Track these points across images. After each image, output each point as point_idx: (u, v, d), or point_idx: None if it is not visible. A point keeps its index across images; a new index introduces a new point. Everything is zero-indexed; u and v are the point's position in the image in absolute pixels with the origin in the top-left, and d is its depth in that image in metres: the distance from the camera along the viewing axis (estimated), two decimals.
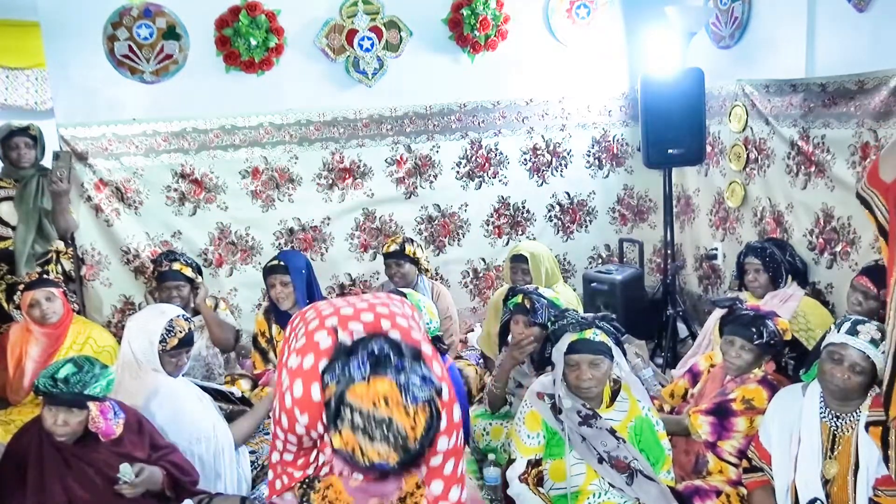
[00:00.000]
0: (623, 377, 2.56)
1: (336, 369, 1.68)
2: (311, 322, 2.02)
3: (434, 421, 1.66)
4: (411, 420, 1.62)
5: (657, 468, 2.47)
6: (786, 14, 3.85)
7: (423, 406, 1.64)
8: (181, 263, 3.78)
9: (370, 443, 1.61)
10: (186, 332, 2.84)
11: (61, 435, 2.36)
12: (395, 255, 4.00)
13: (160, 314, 2.87)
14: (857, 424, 2.30)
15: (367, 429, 1.61)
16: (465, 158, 4.82)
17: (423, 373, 1.68)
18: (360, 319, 1.99)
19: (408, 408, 1.62)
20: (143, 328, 2.81)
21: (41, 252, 3.91)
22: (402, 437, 1.61)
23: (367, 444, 1.61)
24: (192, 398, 2.86)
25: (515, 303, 3.13)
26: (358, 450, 1.62)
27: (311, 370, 1.86)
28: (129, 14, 4.19)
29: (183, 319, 2.88)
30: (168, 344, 2.78)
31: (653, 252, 5.13)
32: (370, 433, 1.60)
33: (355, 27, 4.48)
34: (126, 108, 4.29)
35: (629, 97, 4.99)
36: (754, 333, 2.71)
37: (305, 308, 2.25)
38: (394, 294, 2.50)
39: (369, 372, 1.64)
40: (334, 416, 1.64)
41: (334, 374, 1.68)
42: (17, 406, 3.38)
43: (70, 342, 3.47)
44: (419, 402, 1.64)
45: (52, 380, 2.33)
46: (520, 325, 3.09)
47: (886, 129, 3.22)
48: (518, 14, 4.71)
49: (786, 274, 3.59)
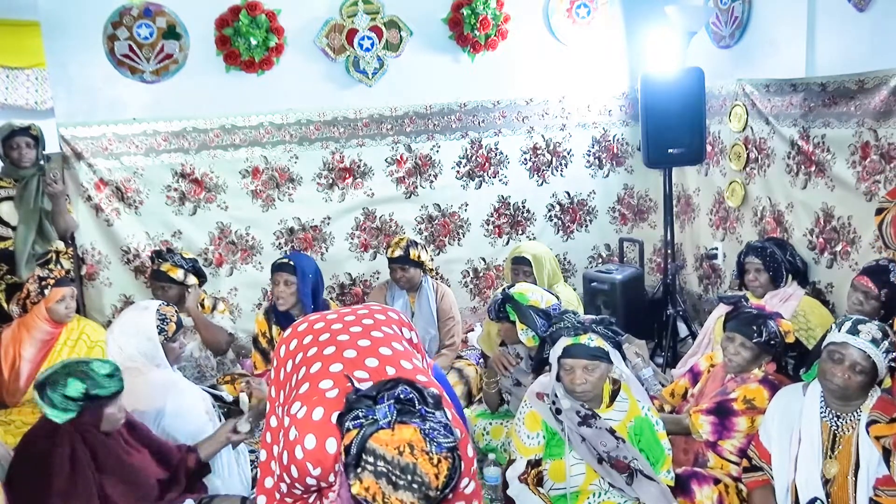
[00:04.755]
0: (623, 377, 2.56)
1: (359, 415, 1.68)
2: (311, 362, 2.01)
3: (457, 468, 1.68)
4: (435, 468, 1.63)
5: (657, 468, 2.47)
6: (786, 14, 3.85)
7: (446, 454, 1.65)
8: (170, 265, 3.83)
9: (394, 490, 1.62)
10: (176, 314, 2.91)
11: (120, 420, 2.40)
12: (400, 261, 3.99)
13: (143, 310, 2.90)
14: (857, 424, 2.30)
15: (391, 476, 1.62)
16: (465, 158, 4.82)
17: (445, 421, 1.70)
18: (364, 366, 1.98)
19: (432, 456, 1.64)
20: (132, 330, 2.83)
21: (41, 252, 3.91)
22: (425, 485, 1.62)
23: (390, 491, 1.62)
24: (195, 394, 2.91)
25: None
26: (380, 497, 1.62)
27: (322, 423, 1.84)
28: (130, 14, 4.19)
29: (165, 306, 2.95)
30: (168, 331, 2.84)
31: (653, 252, 5.13)
32: (394, 481, 1.61)
33: (355, 27, 4.47)
34: (126, 107, 4.29)
35: (629, 97, 4.99)
36: (754, 332, 2.71)
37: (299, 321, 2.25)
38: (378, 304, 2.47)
39: (395, 419, 1.65)
40: (355, 463, 1.65)
41: (358, 421, 1.68)
42: (16, 407, 3.38)
43: (64, 339, 3.49)
44: (443, 450, 1.65)
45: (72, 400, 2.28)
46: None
47: (887, 129, 3.22)
48: (518, 14, 4.71)
49: (786, 273, 3.59)
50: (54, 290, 3.44)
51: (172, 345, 2.87)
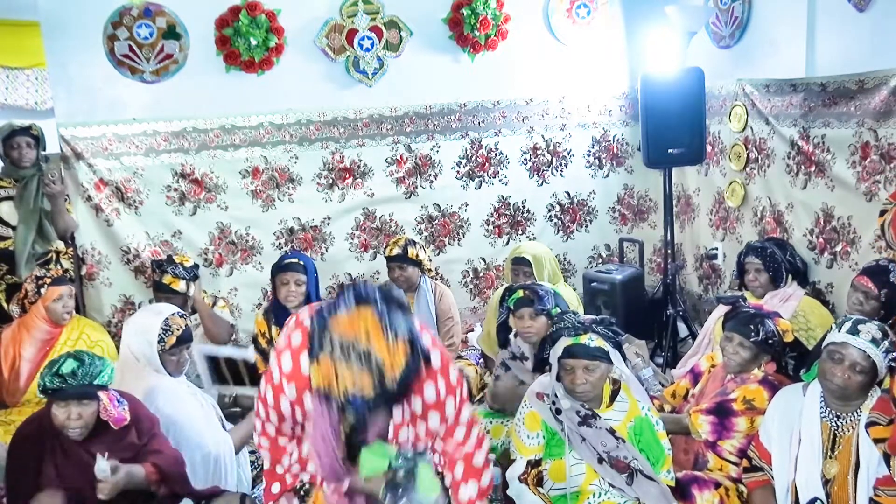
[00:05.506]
0: (623, 377, 2.56)
1: (323, 307, 1.70)
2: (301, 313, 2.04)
3: (414, 363, 1.67)
4: (391, 355, 1.63)
5: (657, 468, 2.47)
6: (786, 14, 3.85)
7: (403, 342, 1.65)
8: (172, 277, 3.80)
9: (347, 369, 1.61)
10: (183, 328, 2.85)
11: (75, 428, 2.35)
12: (398, 259, 3.99)
13: (156, 314, 2.88)
14: (857, 424, 2.30)
15: (345, 355, 1.62)
16: (465, 158, 4.82)
17: (405, 318, 1.70)
18: None
19: (388, 340, 1.63)
20: (140, 329, 2.82)
21: (41, 252, 3.91)
22: (379, 368, 1.61)
23: (343, 370, 1.62)
24: (193, 403, 2.86)
25: (517, 298, 3.15)
26: (334, 379, 1.62)
27: (299, 346, 1.86)
28: (130, 14, 4.19)
29: (179, 317, 2.89)
30: (167, 343, 2.79)
31: (653, 252, 5.13)
32: (347, 358, 1.61)
33: (355, 27, 4.47)
34: (126, 107, 4.28)
35: (629, 97, 4.99)
36: (752, 331, 2.71)
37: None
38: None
39: (353, 305, 1.66)
40: (315, 346, 1.66)
41: (320, 314, 1.69)
42: (16, 407, 3.38)
43: (65, 338, 3.49)
44: (399, 336, 1.65)
45: (59, 376, 2.31)
46: (525, 318, 3.13)
47: (887, 129, 3.23)
48: (518, 14, 4.71)
49: (786, 273, 3.59)
50: (51, 288, 3.44)
51: (170, 357, 2.82)
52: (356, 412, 1.66)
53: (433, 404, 1.91)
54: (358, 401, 1.62)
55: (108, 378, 2.40)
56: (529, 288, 3.18)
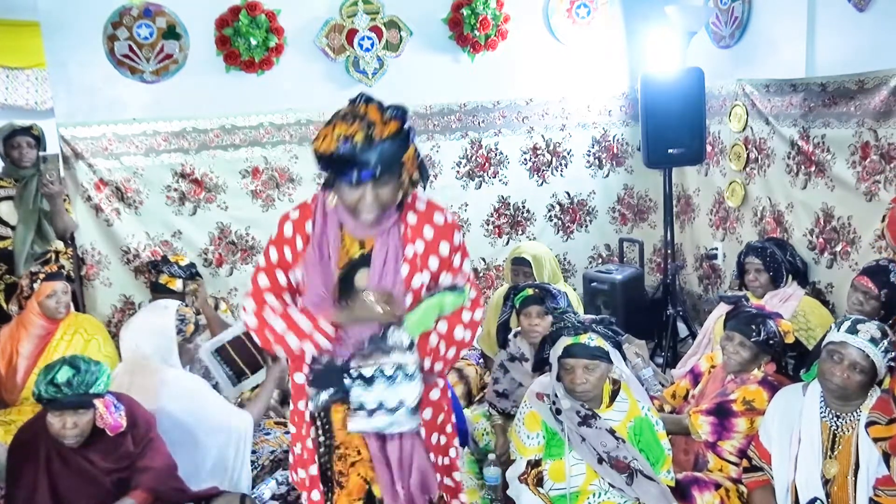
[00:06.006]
0: (623, 377, 2.56)
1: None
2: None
3: (404, 134, 1.77)
4: (383, 123, 1.74)
5: (657, 468, 2.47)
6: (786, 13, 3.85)
7: (396, 121, 1.76)
8: (168, 276, 3.80)
9: (342, 121, 1.73)
10: (194, 316, 2.95)
11: (71, 437, 2.34)
12: None
13: (164, 309, 2.93)
14: (857, 424, 2.30)
15: (341, 116, 1.74)
16: (465, 158, 4.82)
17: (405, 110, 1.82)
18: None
19: (383, 114, 1.75)
20: (154, 328, 2.86)
21: (40, 252, 3.91)
22: (369, 123, 1.72)
23: (339, 123, 1.73)
24: (204, 389, 2.92)
25: (525, 296, 3.16)
26: (330, 132, 1.72)
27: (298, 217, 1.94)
28: (130, 14, 4.18)
29: (184, 306, 2.98)
30: (187, 332, 2.87)
31: (653, 252, 5.13)
32: (343, 118, 1.74)
33: (355, 27, 4.47)
34: (126, 107, 4.28)
35: (629, 97, 4.99)
36: (753, 331, 2.71)
37: None
38: None
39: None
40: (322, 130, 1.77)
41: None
42: (15, 406, 3.38)
43: (61, 333, 3.48)
44: (394, 116, 1.77)
45: (54, 385, 2.28)
46: (532, 316, 3.14)
47: (887, 129, 3.23)
48: (518, 14, 4.70)
49: (786, 274, 3.59)
50: (44, 284, 3.44)
51: (189, 346, 2.90)
52: (344, 155, 1.72)
53: (431, 242, 1.92)
54: (348, 144, 1.70)
55: (104, 386, 2.38)
56: (540, 287, 3.20)
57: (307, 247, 1.89)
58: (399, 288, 1.86)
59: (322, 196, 1.89)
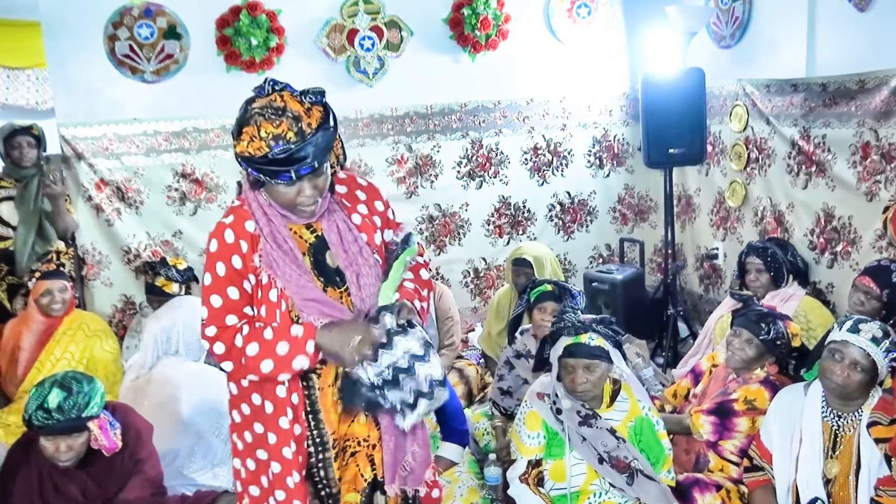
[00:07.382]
0: (623, 377, 2.56)
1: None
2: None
3: (329, 122, 1.72)
4: (306, 114, 1.69)
5: (657, 468, 2.47)
6: (786, 14, 3.85)
7: (318, 108, 1.71)
8: (164, 279, 3.82)
9: (266, 122, 1.68)
10: None
11: (66, 460, 2.29)
12: None
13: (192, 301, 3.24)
14: (858, 424, 2.30)
15: (262, 114, 1.69)
16: (465, 158, 4.82)
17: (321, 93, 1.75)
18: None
19: (303, 104, 1.70)
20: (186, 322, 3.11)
21: (41, 252, 3.91)
22: (295, 116, 1.67)
23: (263, 122, 1.68)
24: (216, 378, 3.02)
25: (542, 291, 3.16)
26: (256, 133, 1.67)
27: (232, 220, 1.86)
28: (130, 14, 4.18)
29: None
30: None
31: (653, 252, 5.13)
32: (264, 116, 1.68)
33: (356, 27, 4.47)
34: (127, 107, 4.28)
35: (630, 97, 4.99)
36: (762, 329, 2.71)
37: None
38: None
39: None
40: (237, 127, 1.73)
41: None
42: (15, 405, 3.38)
43: (64, 328, 3.48)
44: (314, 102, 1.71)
45: (45, 411, 2.20)
46: (547, 311, 3.13)
47: (887, 129, 3.23)
48: (519, 14, 4.71)
49: (787, 274, 3.59)
50: (38, 283, 3.44)
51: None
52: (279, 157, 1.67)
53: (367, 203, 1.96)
54: (280, 144, 1.66)
55: (97, 407, 2.29)
56: (559, 284, 3.19)
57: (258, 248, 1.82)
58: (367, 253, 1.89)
59: (255, 196, 1.84)
